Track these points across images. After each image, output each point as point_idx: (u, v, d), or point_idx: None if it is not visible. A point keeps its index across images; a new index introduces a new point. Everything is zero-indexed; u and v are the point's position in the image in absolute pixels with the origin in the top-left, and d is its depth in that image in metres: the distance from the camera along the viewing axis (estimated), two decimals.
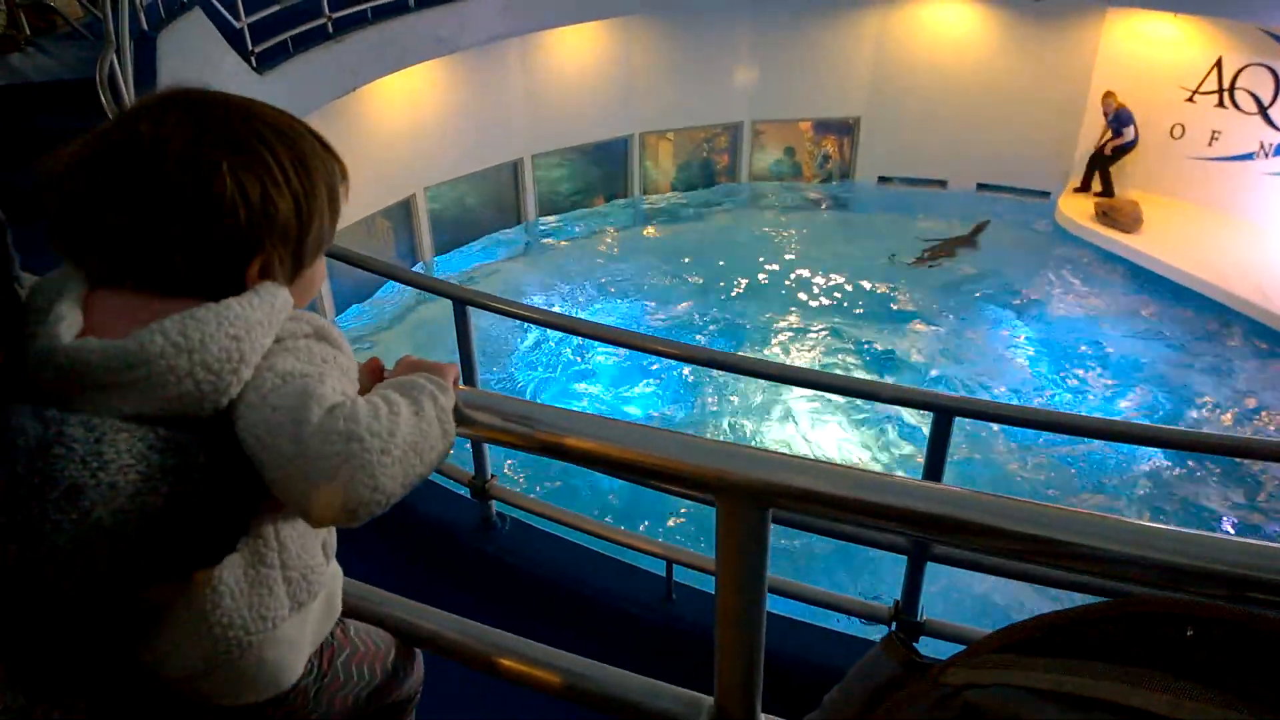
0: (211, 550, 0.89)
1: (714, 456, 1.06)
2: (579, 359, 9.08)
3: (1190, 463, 7.43)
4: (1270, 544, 0.85)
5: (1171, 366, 8.98)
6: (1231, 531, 6.65)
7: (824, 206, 12.44)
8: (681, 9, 11.05)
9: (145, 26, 6.37)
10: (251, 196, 0.87)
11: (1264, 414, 8.32)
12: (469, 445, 3.47)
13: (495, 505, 3.68)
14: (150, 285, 0.86)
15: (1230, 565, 0.83)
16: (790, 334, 9.67)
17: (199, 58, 6.53)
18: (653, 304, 10.17)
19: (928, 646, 0.86)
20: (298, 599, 1.02)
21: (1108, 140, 11.05)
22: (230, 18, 7.17)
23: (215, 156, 0.86)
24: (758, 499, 1.04)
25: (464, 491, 3.66)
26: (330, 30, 8.17)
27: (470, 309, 3.17)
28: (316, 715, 1.15)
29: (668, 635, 3.27)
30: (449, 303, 3.17)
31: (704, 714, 1.25)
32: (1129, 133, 10.90)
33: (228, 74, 6.74)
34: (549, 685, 1.35)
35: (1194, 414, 8.30)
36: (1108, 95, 11.04)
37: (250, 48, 7.30)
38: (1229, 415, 8.29)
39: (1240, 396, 8.51)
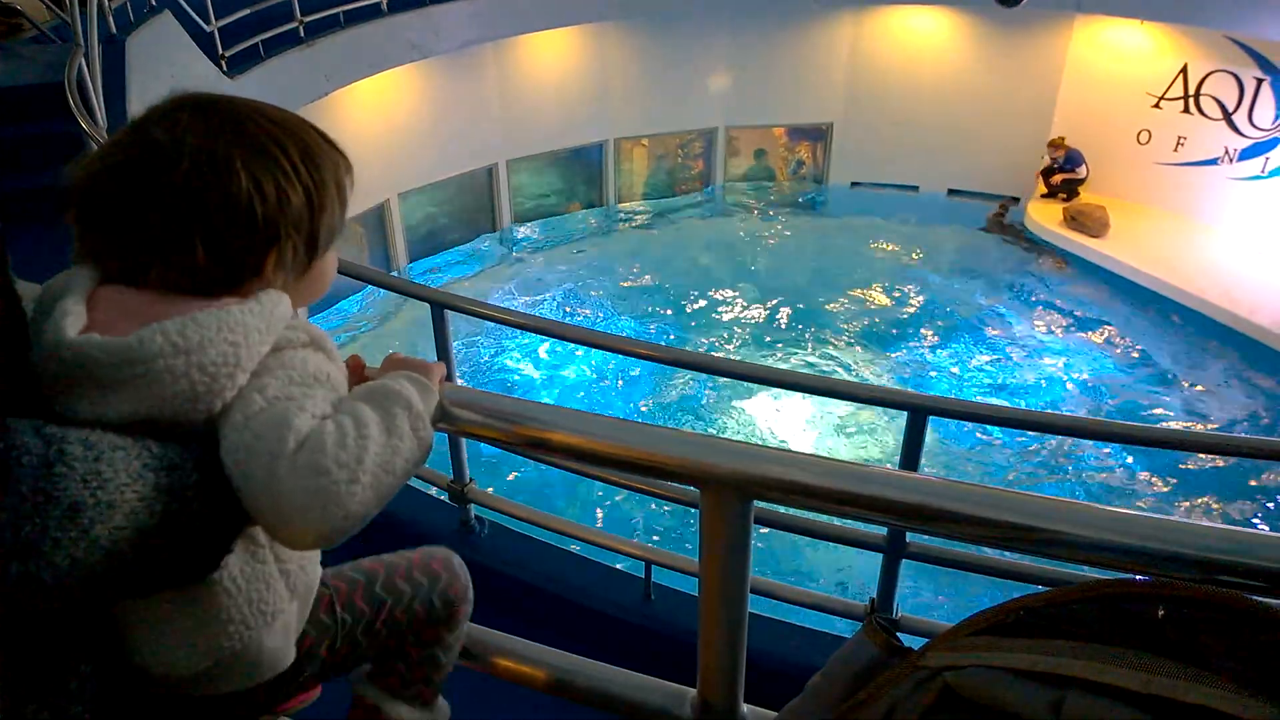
0: (202, 565, 0.91)
1: (698, 449, 1.07)
2: (557, 362, 9.08)
3: (1156, 457, 7.58)
4: (1235, 528, 0.88)
5: (1135, 368, 9.14)
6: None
7: (798, 212, 12.52)
8: (656, 16, 11.09)
9: (113, 29, 6.30)
10: (266, 190, 0.91)
11: (1213, 406, 8.51)
12: (448, 449, 3.46)
13: (474, 509, 3.68)
14: (170, 282, 0.89)
15: (1199, 549, 0.86)
16: (761, 335, 9.73)
17: (168, 61, 6.47)
18: (628, 308, 10.19)
19: (904, 643, 0.88)
20: (294, 590, 1.06)
21: (1058, 174, 11.23)
22: (200, 21, 7.11)
23: (229, 154, 0.90)
24: (741, 490, 1.06)
25: (443, 495, 3.65)
26: (302, 34, 8.12)
27: (449, 313, 3.17)
28: (354, 654, 1.21)
29: (647, 635, 3.28)
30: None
31: (688, 705, 1.27)
32: (1081, 171, 11.16)
33: (198, 77, 6.68)
34: (536, 681, 1.37)
35: (1157, 411, 8.47)
36: (1054, 142, 11.24)
37: (221, 51, 7.24)
38: (1191, 413, 8.46)
39: (1204, 394, 8.69)
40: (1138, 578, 0.80)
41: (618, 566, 3.77)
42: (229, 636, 0.97)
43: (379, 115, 9.97)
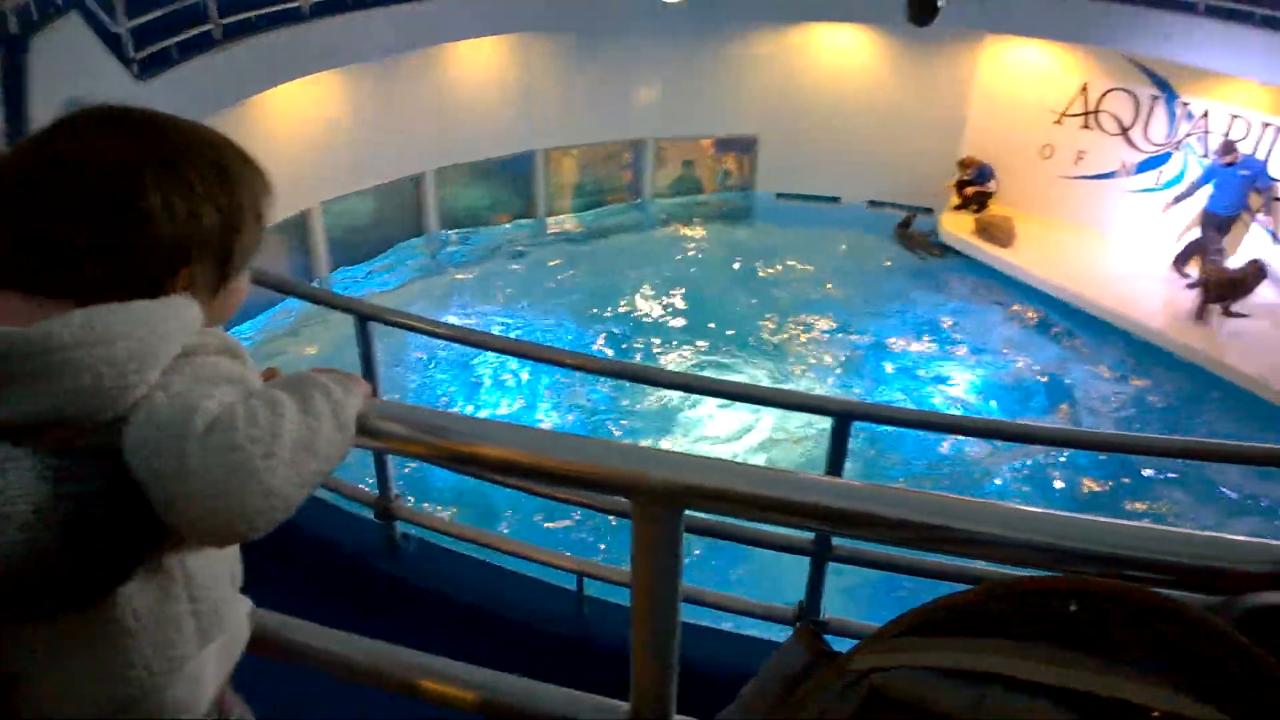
0: (105, 581, 0.85)
1: (629, 459, 1.07)
2: (485, 374, 8.98)
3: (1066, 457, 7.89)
4: (1141, 524, 0.93)
5: (1040, 368, 9.52)
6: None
7: (725, 222, 12.67)
8: (582, 27, 11.11)
9: (15, 29, 6.02)
10: (177, 210, 0.87)
11: (1109, 402, 8.96)
12: (373, 464, 3.39)
13: (400, 525, 3.61)
14: (70, 295, 0.84)
15: (1108, 546, 0.91)
16: (689, 345, 9.81)
17: (75, 62, 6.22)
18: (558, 318, 10.15)
19: (832, 644, 0.89)
20: (207, 635, 0.97)
21: (970, 187, 11.64)
22: (109, 21, 6.85)
23: (139, 171, 0.86)
24: (671, 500, 1.06)
25: (368, 513, 3.57)
26: (218, 37, 7.88)
27: (373, 324, 3.11)
28: None
29: (581, 649, 3.26)
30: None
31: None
32: (992, 184, 11.59)
33: (107, 80, 6.44)
34: (466, 703, 1.34)
35: (1070, 410, 8.87)
36: (964, 161, 11.65)
37: (131, 53, 6.98)
38: (1091, 410, 8.87)
39: (1103, 392, 9.13)
40: (1052, 575, 0.82)
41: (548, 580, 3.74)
42: (128, 683, 0.89)
43: (301, 122, 9.73)
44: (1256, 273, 9.26)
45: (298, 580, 3.18)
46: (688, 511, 1.09)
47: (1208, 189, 9.75)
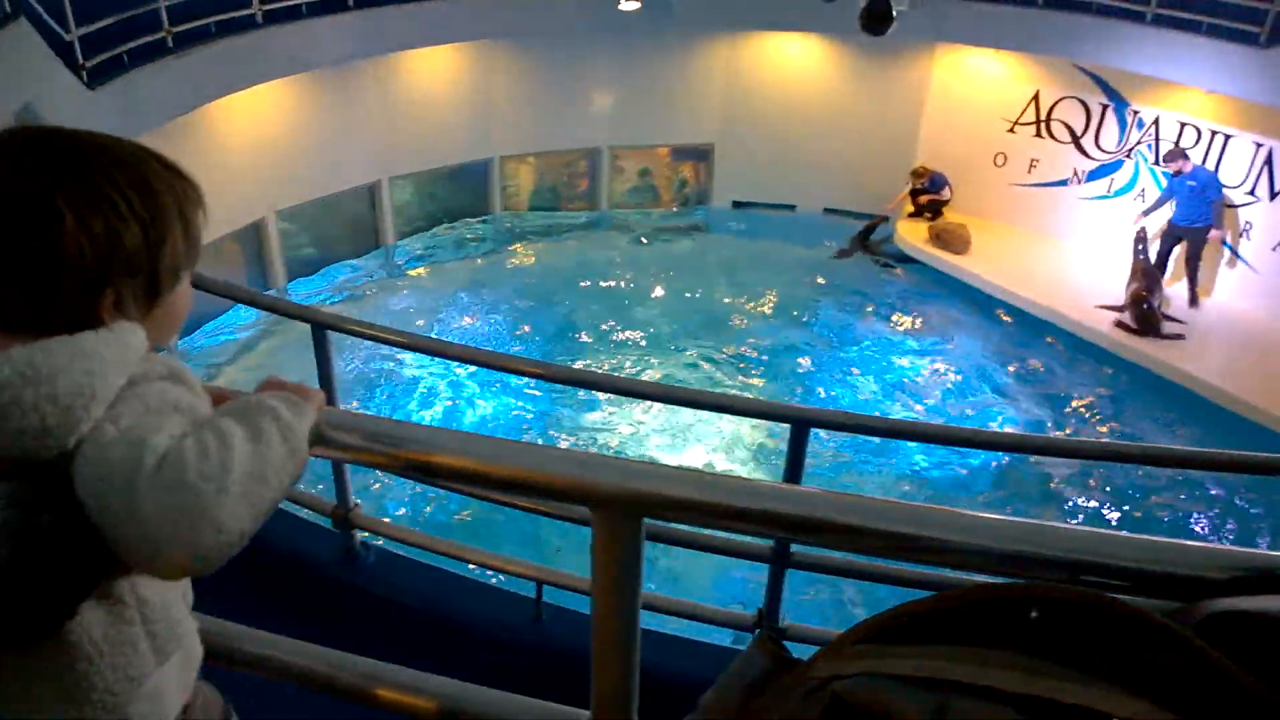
0: (55, 615, 0.84)
1: (588, 468, 1.07)
2: (441, 383, 8.91)
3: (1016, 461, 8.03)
4: (1100, 531, 0.94)
5: (994, 373, 9.68)
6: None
7: (680, 231, 12.71)
8: (537, 36, 11.11)
9: None
10: (95, 230, 0.86)
11: (1071, 410, 9.12)
12: (331, 472, 3.35)
13: (359, 534, 3.57)
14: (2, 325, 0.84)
15: (1067, 551, 0.91)
16: (647, 353, 9.83)
17: (22, 70, 6.07)
18: (514, 326, 10.11)
19: (792, 651, 0.90)
20: (164, 652, 0.98)
21: (924, 195, 11.77)
22: (60, 29, 6.69)
23: (49, 194, 0.84)
24: (631, 509, 1.06)
25: (326, 522, 3.52)
26: (170, 44, 7.75)
27: (330, 333, 3.08)
28: None
29: (540, 656, 3.25)
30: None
31: None
32: (946, 192, 11.72)
33: (56, 89, 6.29)
34: (425, 712, 1.33)
35: (1022, 414, 9.01)
36: (917, 171, 11.76)
37: (81, 61, 6.83)
38: (1052, 416, 9.02)
39: (1057, 397, 9.30)
40: (1013, 582, 0.83)
41: (506, 588, 3.72)
42: (94, 706, 0.90)
43: (255, 130, 9.60)
44: (1134, 303, 9.42)
45: (254, 591, 3.13)
46: (648, 519, 1.09)
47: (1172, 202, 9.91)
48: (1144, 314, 9.40)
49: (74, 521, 0.80)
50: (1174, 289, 10.11)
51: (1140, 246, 10.06)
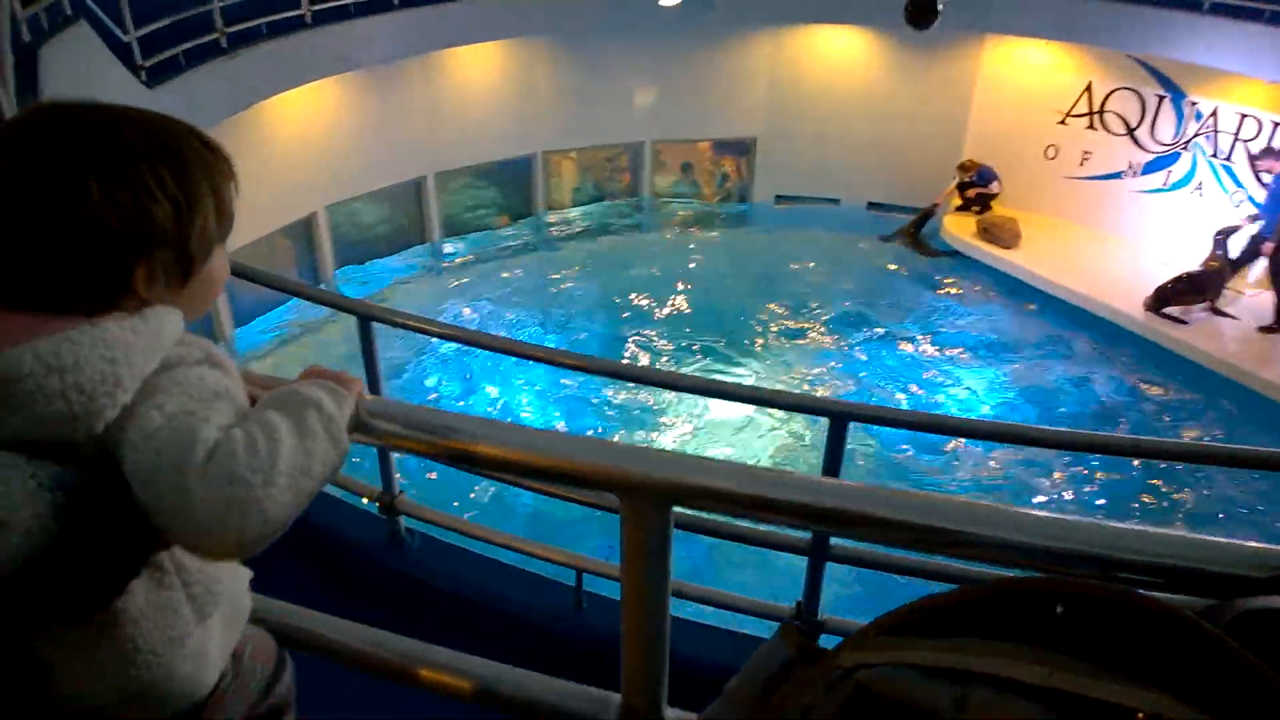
0: (104, 592, 0.89)
1: (619, 457, 1.10)
2: (486, 375, 9.02)
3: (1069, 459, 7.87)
4: (1133, 527, 0.93)
5: (1044, 370, 9.49)
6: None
7: (723, 224, 12.66)
8: (581, 32, 11.15)
9: (27, 38, 6.08)
10: (125, 207, 0.87)
11: (1119, 405, 8.96)
12: (377, 460, 3.43)
13: (404, 520, 3.65)
14: (30, 304, 0.86)
15: (1099, 548, 0.91)
16: (689, 347, 9.82)
17: (85, 71, 6.27)
18: (556, 319, 10.17)
19: (829, 644, 0.91)
20: (204, 612, 1.02)
21: (972, 189, 11.57)
22: (118, 30, 6.90)
23: (78, 170, 0.86)
24: (659, 497, 1.08)
25: (372, 508, 3.61)
26: (224, 45, 7.94)
27: (375, 325, 3.15)
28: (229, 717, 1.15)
29: (579, 643, 3.29)
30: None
31: (612, 711, 1.28)
32: (995, 186, 11.50)
33: (116, 88, 6.48)
34: (460, 691, 1.37)
35: (1063, 411, 8.86)
36: (963, 165, 11.58)
37: (139, 61, 7.04)
38: (1101, 414, 8.83)
39: (1113, 395, 9.12)
40: (1040, 576, 0.83)
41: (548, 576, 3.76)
42: (138, 666, 0.95)
43: (306, 126, 9.78)
44: (1175, 279, 9.38)
45: (301, 571, 3.23)
46: (681, 509, 1.11)
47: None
48: (1162, 287, 9.43)
49: (118, 505, 0.83)
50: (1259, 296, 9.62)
51: (1220, 238, 9.53)
